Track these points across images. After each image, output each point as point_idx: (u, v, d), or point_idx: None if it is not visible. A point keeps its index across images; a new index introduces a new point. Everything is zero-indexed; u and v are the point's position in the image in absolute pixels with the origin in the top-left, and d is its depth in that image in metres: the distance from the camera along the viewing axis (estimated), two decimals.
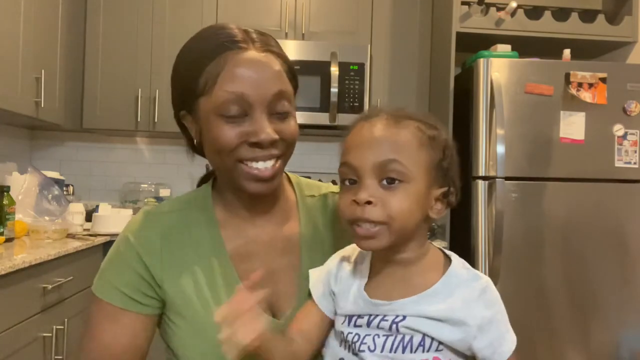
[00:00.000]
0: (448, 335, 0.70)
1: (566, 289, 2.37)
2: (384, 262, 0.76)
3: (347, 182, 0.73)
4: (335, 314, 0.79)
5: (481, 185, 2.36)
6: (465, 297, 0.71)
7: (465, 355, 0.73)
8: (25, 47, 2.20)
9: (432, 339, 0.70)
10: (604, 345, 2.38)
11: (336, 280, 0.79)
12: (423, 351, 0.70)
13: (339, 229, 0.91)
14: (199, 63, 0.81)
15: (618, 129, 2.40)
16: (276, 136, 0.79)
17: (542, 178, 2.38)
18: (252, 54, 0.80)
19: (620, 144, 2.40)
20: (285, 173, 0.95)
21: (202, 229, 0.87)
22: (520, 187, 2.36)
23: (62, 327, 1.91)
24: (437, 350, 0.70)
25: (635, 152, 2.41)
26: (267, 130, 0.78)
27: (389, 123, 0.73)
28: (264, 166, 0.80)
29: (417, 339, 0.70)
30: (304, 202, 0.93)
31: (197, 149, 0.90)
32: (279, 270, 0.87)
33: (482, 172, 2.37)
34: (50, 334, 1.83)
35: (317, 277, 0.82)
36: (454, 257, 0.76)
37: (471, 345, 0.71)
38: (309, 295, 0.82)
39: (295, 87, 0.87)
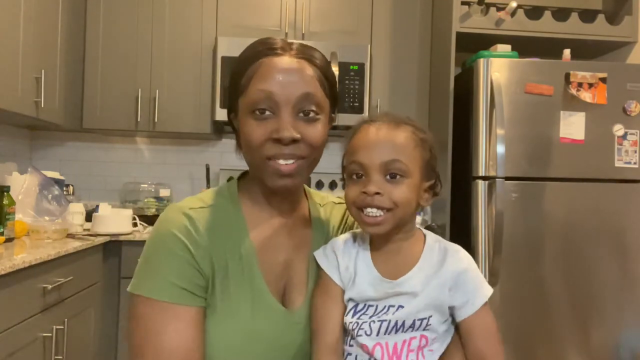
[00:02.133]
0: (434, 303, 0.83)
1: (566, 289, 2.37)
2: (382, 242, 0.88)
3: (354, 177, 0.86)
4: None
5: (481, 185, 2.36)
6: (440, 260, 0.86)
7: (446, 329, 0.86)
8: (25, 47, 2.20)
9: (422, 320, 0.82)
10: (604, 345, 2.38)
11: (344, 256, 0.88)
12: (412, 330, 0.83)
13: (337, 231, 1.00)
14: (240, 67, 0.88)
15: (618, 129, 2.40)
16: (297, 135, 0.84)
17: (542, 178, 2.38)
18: (286, 59, 0.87)
19: (620, 144, 2.40)
20: None
21: (232, 223, 0.90)
22: (520, 187, 2.36)
23: (62, 327, 1.91)
24: (424, 329, 0.83)
25: (635, 152, 2.41)
26: (289, 128, 0.83)
27: (390, 126, 0.86)
28: (285, 163, 0.85)
29: (408, 322, 0.82)
30: (314, 206, 1.00)
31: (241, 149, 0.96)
32: (294, 262, 0.93)
33: (482, 172, 2.37)
34: (50, 334, 1.83)
35: (324, 254, 0.90)
36: (429, 234, 0.91)
37: (450, 301, 0.83)
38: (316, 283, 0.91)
39: (332, 99, 0.92)
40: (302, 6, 2.87)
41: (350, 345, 0.85)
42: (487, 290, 0.85)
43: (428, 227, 2.51)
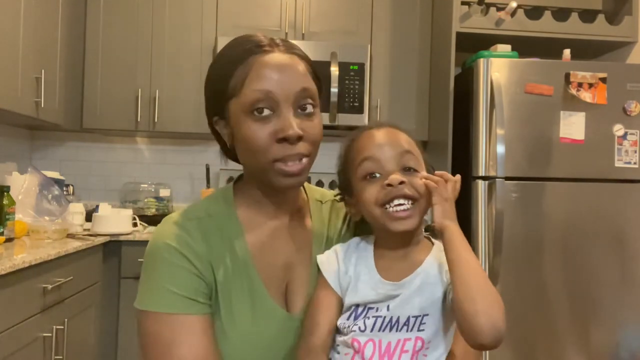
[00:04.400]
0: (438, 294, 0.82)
1: (566, 289, 2.37)
2: (389, 248, 0.86)
3: (368, 177, 0.85)
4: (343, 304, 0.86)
5: (481, 185, 2.36)
6: (440, 264, 0.84)
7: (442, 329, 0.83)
8: (25, 47, 2.20)
9: (416, 318, 0.80)
10: (604, 345, 2.38)
11: (345, 262, 0.87)
12: (407, 330, 0.80)
13: (340, 230, 0.98)
14: (228, 68, 0.85)
15: (618, 129, 2.40)
16: (301, 132, 0.82)
17: (542, 178, 2.38)
18: (277, 55, 0.85)
19: (620, 144, 2.40)
20: None
21: (228, 229, 0.88)
22: (520, 187, 2.36)
23: (62, 327, 1.91)
24: (419, 330, 0.80)
25: (635, 152, 2.41)
26: (294, 126, 0.81)
27: (390, 128, 0.89)
28: (292, 163, 0.83)
29: (403, 319, 0.80)
30: (315, 204, 0.99)
31: (229, 153, 0.94)
32: (295, 264, 0.92)
33: (482, 172, 2.37)
34: (50, 334, 1.83)
35: (326, 258, 0.89)
36: (436, 243, 0.89)
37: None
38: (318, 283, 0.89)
39: (320, 88, 0.91)
40: (302, 6, 2.87)
41: (338, 353, 0.84)
42: None
43: (428, 227, 2.51)
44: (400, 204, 0.81)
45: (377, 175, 0.84)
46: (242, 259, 0.87)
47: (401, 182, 0.81)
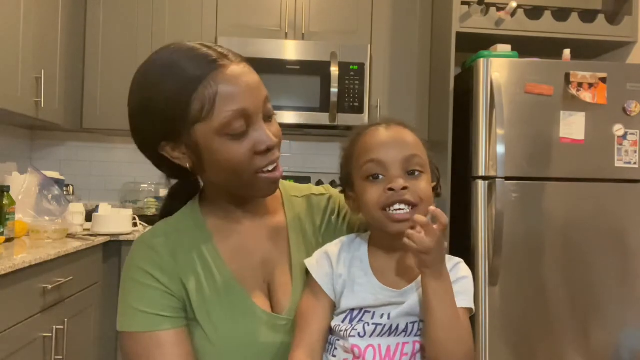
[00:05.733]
0: None
1: (566, 289, 2.37)
2: (386, 249, 0.86)
3: (371, 178, 0.83)
4: (336, 308, 0.85)
5: (481, 185, 2.36)
6: None
7: None
8: (25, 47, 2.20)
9: (414, 323, 0.81)
10: (604, 345, 2.38)
11: (338, 263, 0.85)
12: (405, 335, 0.81)
13: (320, 226, 0.97)
14: (184, 90, 0.78)
15: (618, 129, 2.40)
16: (276, 139, 0.84)
17: (542, 178, 2.38)
18: (235, 68, 0.81)
19: (620, 144, 2.40)
20: None
21: (197, 240, 0.89)
22: (520, 187, 2.36)
23: (62, 327, 1.91)
24: (416, 335, 0.81)
25: (635, 152, 2.41)
26: (271, 136, 0.83)
27: (398, 127, 0.87)
28: (273, 167, 0.85)
29: (402, 326, 0.81)
30: (289, 200, 0.98)
31: (179, 174, 0.93)
32: (273, 259, 0.91)
33: (482, 172, 2.36)
34: (50, 334, 1.83)
35: (316, 261, 0.87)
36: None
37: None
38: (305, 284, 0.88)
39: None
40: (302, 6, 2.87)
41: (334, 356, 0.83)
42: (471, 302, 0.83)
43: None
44: (400, 209, 0.81)
45: (381, 177, 0.82)
46: (214, 266, 0.87)
47: (404, 188, 0.80)
